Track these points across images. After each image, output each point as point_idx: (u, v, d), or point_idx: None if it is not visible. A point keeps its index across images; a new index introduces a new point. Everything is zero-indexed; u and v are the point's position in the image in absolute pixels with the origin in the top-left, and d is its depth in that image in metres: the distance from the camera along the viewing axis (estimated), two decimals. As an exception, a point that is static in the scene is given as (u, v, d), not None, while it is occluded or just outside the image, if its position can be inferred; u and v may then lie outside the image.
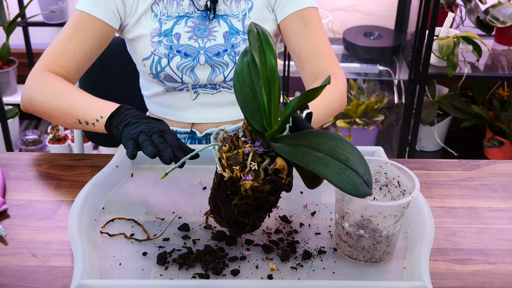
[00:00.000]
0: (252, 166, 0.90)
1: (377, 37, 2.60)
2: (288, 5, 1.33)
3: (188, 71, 1.33)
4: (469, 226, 1.08)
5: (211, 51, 1.32)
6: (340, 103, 1.30)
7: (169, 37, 1.31)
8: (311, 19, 1.33)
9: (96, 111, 1.14)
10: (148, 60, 1.33)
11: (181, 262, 0.96)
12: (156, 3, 1.31)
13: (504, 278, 0.97)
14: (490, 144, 2.64)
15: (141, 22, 1.32)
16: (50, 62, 1.27)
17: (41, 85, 1.23)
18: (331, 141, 0.86)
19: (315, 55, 1.32)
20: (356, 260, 0.98)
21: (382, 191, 1.02)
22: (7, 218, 1.09)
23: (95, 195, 1.09)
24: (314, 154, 0.85)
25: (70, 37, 1.27)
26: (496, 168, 1.26)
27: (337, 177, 0.82)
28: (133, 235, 1.03)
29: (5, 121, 2.44)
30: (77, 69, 1.28)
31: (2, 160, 1.26)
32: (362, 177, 0.83)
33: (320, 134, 0.87)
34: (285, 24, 1.35)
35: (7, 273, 0.95)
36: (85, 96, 1.19)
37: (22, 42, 2.75)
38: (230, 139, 0.94)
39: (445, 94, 2.71)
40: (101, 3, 1.27)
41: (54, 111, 1.20)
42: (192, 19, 1.32)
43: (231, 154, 0.92)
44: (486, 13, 2.40)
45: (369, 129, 2.74)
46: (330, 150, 0.85)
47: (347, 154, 0.84)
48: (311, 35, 1.33)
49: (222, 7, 1.33)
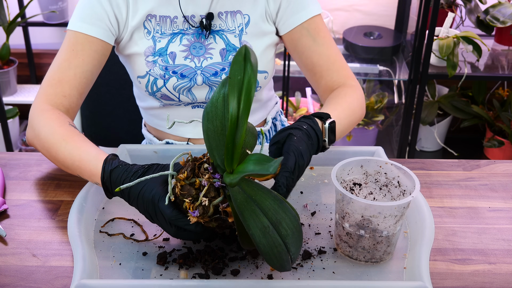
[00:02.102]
0: (203, 202, 0.88)
1: (377, 37, 2.60)
2: (292, 17, 1.27)
3: (185, 91, 1.29)
4: (469, 226, 1.08)
5: (208, 71, 1.27)
6: (359, 114, 1.25)
7: (164, 57, 1.26)
8: (319, 30, 1.28)
9: (88, 176, 1.05)
10: (143, 78, 1.28)
11: (181, 262, 0.96)
12: (148, 19, 1.25)
13: (504, 278, 0.97)
14: (490, 144, 2.64)
15: (134, 39, 1.26)
16: (50, 94, 1.18)
17: (37, 127, 1.14)
18: (282, 213, 0.86)
19: (329, 68, 1.28)
20: (356, 260, 0.98)
21: (382, 191, 1.02)
22: (7, 218, 1.09)
23: (95, 195, 1.09)
24: (260, 219, 0.84)
25: (68, 62, 1.20)
26: (496, 168, 1.26)
27: (269, 251, 0.85)
28: (133, 235, 1.03)
29: (5, 121, 2.44)
30: (79, 94, 1.21)
31: (2, 160, 1.26)
32: (290, 256, 0.87)
33: (276, 199, 0.86)
34: (291, 38, 1.29)
35: (7, 273, 0.95)
36: (73, 151, 1.07)
37: (22, 42, 2.75)
38: (190, 167, 0.92)
39: (445, 94, 2.71)
40: (95, 20, 1.21)
41: (52, 160, 1.13)
42: (187, 36, 1.27)
43: (186, 184, 0.90)
44: (486, 13, 2.40)
45: (369, 129, 2.74)
46: (277, 221, 0.85)
47: (289, 231, 0.86)
48: (322, 48, 1.28)
49: (218, 22, 1.27)
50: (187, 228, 0.92)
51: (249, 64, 0.85)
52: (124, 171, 0.97)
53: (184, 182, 0.90)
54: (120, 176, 0.97)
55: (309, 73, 1.32)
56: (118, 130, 1.73)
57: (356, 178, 1.02)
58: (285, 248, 0.85)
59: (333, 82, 1.28)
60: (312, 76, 1.31)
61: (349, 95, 1.24)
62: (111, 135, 1.75)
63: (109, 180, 0.98)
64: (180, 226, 0.92)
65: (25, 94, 2.70)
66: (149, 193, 0.93)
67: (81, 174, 1.06)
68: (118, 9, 1.23)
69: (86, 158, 1.05)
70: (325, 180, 1.19)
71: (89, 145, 1.08)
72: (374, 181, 1.02)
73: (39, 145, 1.14)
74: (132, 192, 0.95)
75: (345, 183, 1.01)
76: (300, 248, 0.88)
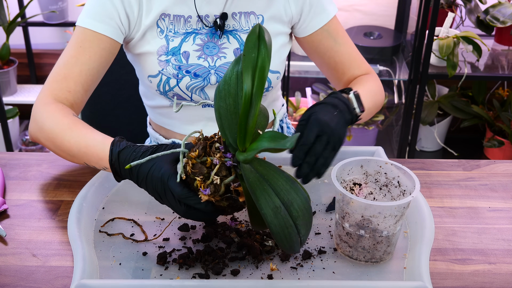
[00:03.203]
0: (215, 180, 0.88)
1: (377, 37, 2.60)
2: (313, 20, 1.28)
3: (198, 90, 1.28)
4: (469, 226, 1.08)
5: (222, 70, 1.27)
6: (381, 99, 1.30)
7: (177, 56, 1.24)
8: (338, 30, 1.31)
9: (95, 160, 1.05)
10: (155, 78, 1.27)
11: (181, 262, 0.96)
12: (161, 18, 1.23)
13: (504, 278, 0.97)
14: (490, 144, 2.64)
15: (146, 38, 1.25)
16: (55, 88, 1.18)
17: (41, 119, 1.14)
18: (294, 193, 0.86)
19: (351, 65, 1.32)
20: (356, 260, 0.98)
21: (382, 191, 1.02)
22: (7, 218, 1.09)
23: (95, 195, 1.09)
24: (272, 198, 0.84)
25: (75, 58, 1.19)
26: (496, 168, 1.26)
27: (280, 231, 0.85)
28: (133, 235, 1.03)
29: (5, 121, 2.44)
30: (85, 91, 1.21)
31: (2, 160, 1.26)
32: (300, 238, 0.87)
33: (288, 180, 0.86)
34: (312, 40, 1.31)
35: (7, 273, 0.95)
36: (79, 138, 1.08)
37: (22, 42, 2.75)
38: (202, 145, 0.91)
39: (445, 94, 2.71)
40: (105, 17, 1.19)
41: (58, 151, 1.12)
42: (201, 36, 1.25)
43: (197, 162, 0.90)
44: (486, 13, 2.40)
45: (369, 129, 2.74)
46: (289, 201, 0.85)
47: (299, 212, 0.86)
48: (343, 48, 1.31)
49: (231, 22, 1.26)
50: (197, 207, 0.91)
51: (263, 43, 0.84)
52: (133, 152, 0.97)
53: (196, 160, 0.90)
54: (129, 156, 0.97)
55: (331, 71, 1.34)
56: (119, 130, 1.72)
57: (356, 178, 1.02)
58: (296, 230, 0.85)
59: (354, 76, 1.32)
60: (334, 73, 1.34)
61: (372, 81, 1.28)
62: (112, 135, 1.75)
63: (118, 162, 0.98)
64: (190, 205, 0.91)
65: (25, 94, 2.70)
66: (158, 172, 0.92)
67: (88, 160, 1.06)
68: (130, 7, 1.21)
69: (92, 144, 1.05)
70: (325, 180, 1.19)
71: (94, 131, 1.08)
72: (374, 181, 1.02)
73: (43, 137, 1.13)
74: (141, 171, 0.94)
75: (345, 183, 1.01)
76: (310, 230, 0.88)
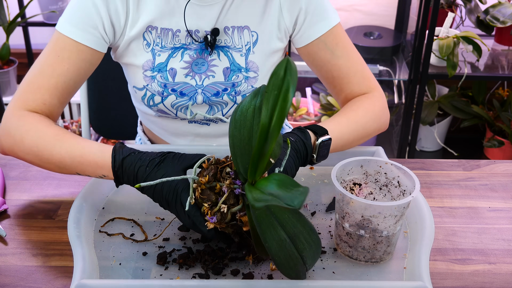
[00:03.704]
0: (222, 209, 0.88)
1: (377, 37, 2.60)
2: (309, 29, 1.19)
3: (184, 109, 1.22)
4: (469, 226, 1.08)
5: (209, 90, 1.20)
6: (374, 127, 1.19)
7: (163, 73, 1.17)
8: (337, 41, 1.19)
9: (92, 169, 1.00)
10: (140, 91, 1.21)
11: (181, 262, 0.96)
12: (148, 31, 1.15)
13: (504, 278, 0.97)
14: (490, 144, 2.64)
15: (131, 49, 1.17)
16: (28, 99, 1.08)
17: (19, 133, 1.05)
18: (300, 226, 0.85)
19: (349, 81, 1.21)
20: (356, 260, 0.98)
21: (382, 191, 1.02)
22: (7, 218, 1.09)
23: (95, 195, 1.09)
24: (278, 232, 0.83)
25: (52, 68, 1.09)
26: (496, 168, 1.26)
27: (284, 263, 0.85)
28: (133, 235, 1.03)
29: (5, 121, 2.44)
30: (60, 104, 1.12)
31: (2, 160, 1.26)
32: (306, 267, 0.88)
33: (295, 213, 0.85)
34: (308, 52, 1.21)
35: (7, 273, 0.95)
36: (71, 149, 1.02)
37: (22, 42, 2.75)
38: (213, 171, 0.90)
39: (445, 94, 2.71)
40: (87, 26, 1.10)
41: (44, 163, 1.05)
42: (189, 52, 1.18)
43: (206, 188, 0.90)
44: (486, 13, 2.40)
45: (369, 129, 2.74)
46: (294, 234, 0.84)
47: (306, 244, 0.86)
48: (342, 61, 1.20)
49: (223, 37, 1.18)
50: (201, 229, 0.92)
51: (287, 80, 0.81)
52: (137, 160, 0.95)
53: (205, 186, 0.90)
54: (133, 165, 0.95)
55: (329, 86, 1.25)
56: (125, 123, 1.74)
57: (356, 178, 1.02)
58: (302, 261, 0.86)
59: (353, 94, 1.22)
60: (332, 89, 1.25)
61: (363, 108, 1.17)
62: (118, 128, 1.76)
63: (121, 170, 0.96)
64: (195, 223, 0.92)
65: (25, 94, 2.69)
66: (172, 181, 0.92)
67: (82, 170, 1.02)
68: (117, 15, 1.13)
69: (88, 152, 1.00)
70: (325, 180, 1.19)
71: (86, 140, 1.03)
72: (374, 181, 1.02)
73: (23, 151, 1.05)
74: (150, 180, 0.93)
75: (345, 183, 1.01)
76: (317, 258, 0.89)
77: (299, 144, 1.03)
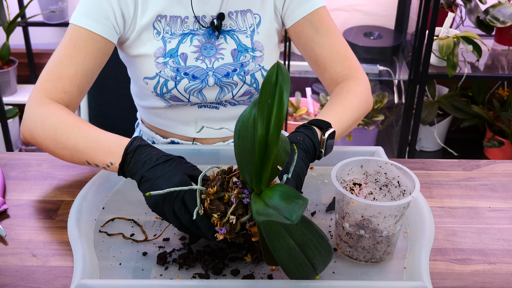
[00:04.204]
0: (231, 220, 0.88)
1: (377, 37, 2.60)
2: (296, 9, 1.26)
3: (196, 92, 1.27)
4: (469, 226, 1.08)
5: (220, 72, 1.26)
6: (364, 108, 1.24)
7: (175, 58, 1.23)
8: (322, 22, 1.27)
9: (103, 155, 1.03)
10: (152, 80, 1.25)
11: (181, 262, 0.96)
12: (158, 20, 1.22)
13: (504, 278, 0.97)
14: (490, 144, 2.64)
15: (142, 39, 1.23)
16: (50, 88, 1.14)
17: (41, 117, 1.10)
18: (309, 234, 0.85)
19: (332, 60, 1.26)
20: (356, 260, 0.98)
21: (382, 191, 1.02)
22: (7, 218, 1.09)
23: (95, 195, 1.09)
24: (286, 240, 0.83)
25: (70, 57, 1.16)
26: (496, 168, 1.26)
27: (295, 271, 0.86)
28: (133, 235, 1.03)
29: (5, 121, 2.44)
30: (79, 92, 1.18)
31: (2, 160, 1.26)
32: (317, 272, 0.89)
33: (303, 221, 0.85)
34: (295, 31, 1.29)
35: (7, 273, 0.95)
36: (88, 134, 1.06)
37: (22, 42, 2.75)
38: (220, 181, 0.90)
39: (445, 94, 2.71)
40: (100, 17, 1.17)
41: (58, 149, 1.08)
42: (198, 37, 1.24)
43: (215, 199, 0.89)
44: (486, 13, 2.40)
45: (369, 129, 2.74)
46: (304, 242, 0.84)
47: (316, 252, 0.86)
48: (325, 39, 1.26)
49: (228, 22, 1.25)
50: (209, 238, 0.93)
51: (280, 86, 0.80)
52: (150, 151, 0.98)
53: (213, 196, 0.89)
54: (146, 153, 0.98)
55: (313, 65, 1.31)
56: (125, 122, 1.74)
57: (356, 178, 1.02)
58: (312, 268, 0.86)
59: (337, 74, 1.27)
60: (316, 68, 1.30)
61: (352, 92, 1.22)
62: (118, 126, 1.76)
63: (132, 154, 0.98)
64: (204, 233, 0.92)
65: (25, 94, 2.70)
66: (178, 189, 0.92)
67: (92, 157, 1.04)
68: (126, 6, 1.20)
69: (104, 139, 1.04)
70: (325, 180, 1.19)
71: (105, 131, 1.07)
72: (374, 181, 1.02)
73: (43, 134, 1.09)
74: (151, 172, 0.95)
75: (345, 183, 1.01)
76: (328, 262, 0.89)
77: (307, 143, 1.04)
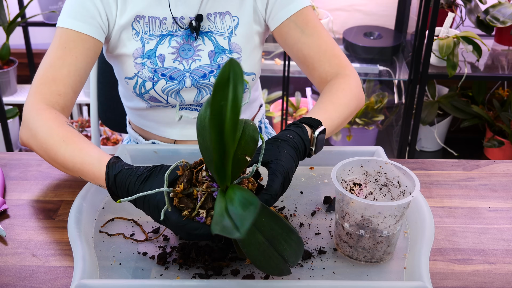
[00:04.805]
0: (201, 214, 0.87)
1: (377, 37, 2.60)
2: (280, 11, 1.26)
3: (174, 93, 1.28)
4: (469, 226, 1.08)
5: (196, 73, 1.26)
6: (355, 105, 1.23)
7: (153, 59, 1.25)
8: (307, 21, 1.26)
9: (90, 179, 1.02)
10: (131, 80, 1.27)
11: (181, 262, 0.96)
12: (136, 20, 1.24)
13: (504, 278, 0.97)
14: (490, 144, 2.64)
15: (122, 39, 1.25)
16: (45, 92, 1.15)
17: (34, 127, 1.10)
18: (278, 228, 0.85)
19: (320, 59, 1.26)
20: (356, 260, 0.98)
21: (382, 191, 1.02)
22: (7, 218, 1.09)
23: (95, 195, 1.09)
24: (255, 236, 0.83)
25: (62, 60, 1.17)
26: (496, 168, 1.26)
27: (265, 264, 0.84)
28: (133, 235, 1.03)
29: (5, 121, 2.44)
30: (74, 93, 1.19)
31: (2, 160, 1.26)
32: (289, 264, 0.87)
33: (272, 216, 0.85)
34: (280, 33, 1.28)
35: (7, 273, 0.95)
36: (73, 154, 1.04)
37: (22, 42, 2.75)
38: (187, 178, 0.89)
39: (445, 94, 2.71)
40: (87, 17, 1.19)
41: (50, 161, 1.08)
42: (176, 38, 1.26)
43: (184, 196, 0.89)
44: (486, 13, 2.40)
45: (369, 129, 2.74)
46: (273, 236, 0.84)
47: (286, 245, 0.85)
48: (311, 39, 1.26)
49: (207, 23, 1.26)
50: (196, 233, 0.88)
51: (233, 86, 0.74)
52: (128, 175, 0.95)
53: (182, 194, 0.89)
54: (125, 180, 0.94)
55: (302, 66, 1.30)
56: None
57: (356, 178, 1.02)
58: (283, 260, 0.86)
59: (326, 73, 1.26)
60: (305, 68, 1.29)
61: (341, 89, 1.21)
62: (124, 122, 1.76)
63: (115, 185, 0.96)
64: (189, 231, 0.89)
65: (25, 94, 2.70)
66: (154, 199, 0.91)
67: (83, 176, 1.03)
68: (109, 7, 1.22)
69: (88, 161, 1.01)
70: (325, 180, 1.19)
71: (90, 146, 1.04)
72: (374, 181, 1.02)
73: (36, 146, 1.10)
74: (137, 198, 0.93)
75: (345, 183, 1.01)
76: (301, 255, 0.88)
77: (297, 141, 1.03)
